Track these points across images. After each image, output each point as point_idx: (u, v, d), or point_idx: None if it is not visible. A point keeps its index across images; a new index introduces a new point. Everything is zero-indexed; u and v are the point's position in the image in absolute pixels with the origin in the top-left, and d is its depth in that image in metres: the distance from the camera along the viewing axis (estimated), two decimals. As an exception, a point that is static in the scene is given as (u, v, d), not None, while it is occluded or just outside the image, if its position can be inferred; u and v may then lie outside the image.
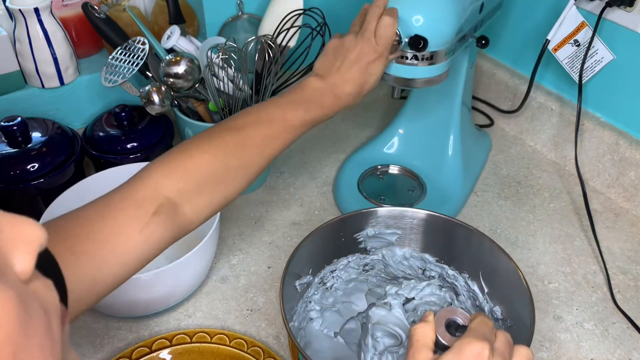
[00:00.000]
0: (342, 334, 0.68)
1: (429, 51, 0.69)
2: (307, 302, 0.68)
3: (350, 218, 0.66)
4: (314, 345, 0.66)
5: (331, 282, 0.70)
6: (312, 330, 0.67)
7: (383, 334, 0.64)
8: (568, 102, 0.98)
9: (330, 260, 0.68)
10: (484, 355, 0.43)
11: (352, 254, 0.69)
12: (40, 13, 0.80)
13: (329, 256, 0.68)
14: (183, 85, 0.77)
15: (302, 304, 0.66)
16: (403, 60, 0.70)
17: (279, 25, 0.81)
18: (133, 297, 0.67)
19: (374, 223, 0.67)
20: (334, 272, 0.69)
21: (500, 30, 1.07)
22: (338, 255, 0.69)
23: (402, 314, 0.64)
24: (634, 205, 0.91)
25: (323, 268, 0.68)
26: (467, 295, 0.67)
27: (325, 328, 0.68)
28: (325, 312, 0.69)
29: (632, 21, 0.84)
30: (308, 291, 0.67)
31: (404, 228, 0.68)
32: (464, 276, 0.67)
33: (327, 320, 0.69)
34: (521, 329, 0.57)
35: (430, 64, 0.70)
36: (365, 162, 0.95)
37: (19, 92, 0.85)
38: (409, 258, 0.69)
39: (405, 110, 0.96)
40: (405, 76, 0.72)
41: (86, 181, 0.77)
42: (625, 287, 0.79)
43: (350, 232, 0.67)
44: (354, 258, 0.70)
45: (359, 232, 0.68)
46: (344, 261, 0.69)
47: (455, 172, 0.91)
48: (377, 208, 0.67)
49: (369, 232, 0.68)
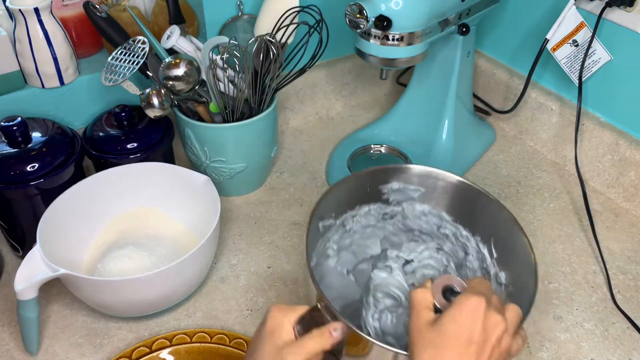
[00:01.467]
0: (354, 272, 0.73)
1: (402, 32, 0.75)
2: (327, 241, 0.70)
3: (380, 171, 0.70)
4: (326, 279, 0.70)
5: (350, 226, 0.72)
6: (328, 266, 0.71)
7: (384, 295, 0.67)
8: (568, 102, 0.98)
9: (353, 206, 0.71)
10: (481, 307, 0.47)
11: (374, 203, 0.72)
12: (40, 13, 0.80)
13: (353, 203, 0.70)
14: (183, 87, 0.77)
15: (321, 242, 0.69)
16: (385, 42, 0.77)
17: (277, 23, 0.81)
18: (133, 297, 0.67)
19: (400, 178, 0.70)
20: (355, 217, 0.72)
21: (500, 30, 1.07)
22: (361, 203, 0.71)
23: (402, 276, 0.69)
24: (634, 205, 0.91)
25: (345, 212, 0.70)
26: (475, 256, 0.69)
27: (340, 266, 0.72)
28: (342, 252, 0.72)
29: (632, 21, 0.84)
30: (329, 232, 0.70)
31: (427, 187, 0.70)
32: (476, 239, 0.68)
33: (342, 259, 0.72)
34: (522, 298, 0.58)
35: (408, 44, 0.77)
36: (358, 141, 1.01)
37: (19, 92, 0.85)
38: (427, 214, 0.71)
39: (405, 96, 1.00)
40: (385, 56, 0.79)
41: (86, 181, 0.77)
42: (625, 287, 0.79)
43: (376, 183, 0.70)
44: (375, 207, 0.72)
45: (385, 184, 0.70)
46: (365, 208, 0.71)
47: (445, 155, 0.94)
48: (407, 165, 0.70)
49: (393, 185, 0.70)
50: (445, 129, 0.94)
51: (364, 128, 1.06)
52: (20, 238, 0.78)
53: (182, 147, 0.90)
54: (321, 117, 1.12)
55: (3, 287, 0.77)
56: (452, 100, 0.93)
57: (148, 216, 0.82)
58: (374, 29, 0.76)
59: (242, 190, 0.93)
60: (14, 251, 0.81)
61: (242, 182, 0.90)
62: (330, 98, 1.12)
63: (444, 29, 0.82)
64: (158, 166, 0.81)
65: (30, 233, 0.74)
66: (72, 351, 0.70)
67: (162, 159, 0.84)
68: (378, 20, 0.74)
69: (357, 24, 0.75)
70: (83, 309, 0.74)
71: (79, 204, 0.76)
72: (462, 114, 0.96)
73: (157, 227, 0.82)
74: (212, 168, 0.86)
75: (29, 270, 0.64)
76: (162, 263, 0.74)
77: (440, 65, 0.92)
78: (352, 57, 1.10)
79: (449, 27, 0.83)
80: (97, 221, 0.80)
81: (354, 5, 0.74)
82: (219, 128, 0.82)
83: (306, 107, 1.10)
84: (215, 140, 0.83)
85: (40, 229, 0.69)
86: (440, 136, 0.95)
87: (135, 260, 0.74)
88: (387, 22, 0.74)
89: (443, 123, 0.94)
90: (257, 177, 0.94)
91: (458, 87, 0.92)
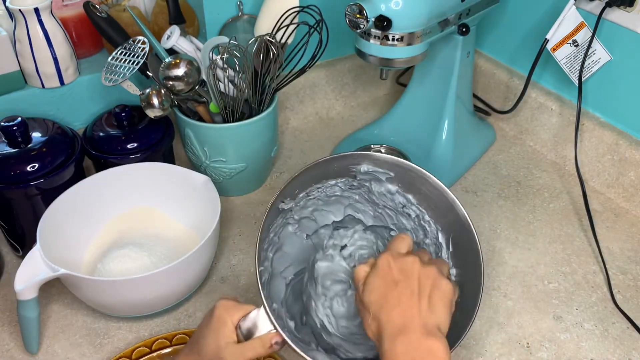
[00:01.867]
0: (313, 237, 0.74)
1: (402, 32, 0.76)
2: (289, 211, 0.70)
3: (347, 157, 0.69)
4: (284, 247, 0.71)
5: (315, 195, 0.72)
6: (287, 232, 0.71)
7: (332, 282, 0.69)
8: (568, 102, 0.98)
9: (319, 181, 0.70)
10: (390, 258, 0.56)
11: (341, 178, 0.71)
12: (40, 13, 0.80)
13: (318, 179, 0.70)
14: (183, 87, 0.77)
15: (281, 217, 0.69)
16: (385, 42, 0.77)
17: (277, 23, 0.81)
18: (133, 297, 0.67)
19: (369, 163, 0.69)
20: (320, 188, 0.71)
21: (500, 30, 1.07)
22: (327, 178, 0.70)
23: (343, 261, 0.70)
24: (634, 205, 0.91)
25: (311, 186, 0.70)
26: (432, 241, 0.70)
27: (299, 231, 0.72)
28: (303, 220, 0.72)
29: (632, 21, 0.84)
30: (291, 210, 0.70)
31: (395, 172, 0.70)
32: (437, 227, 0.69)
33: (303, 225, 0.73)
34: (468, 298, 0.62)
35: (408, 44, 0.77)
36: (358, 141, 1.01)
37: (19, 92, 0.85)
38: (394, 193, 0.71)
39: (405, 96, 1.00)
40: (385, 56, 0.79)
41: (86, 181, 0.77)
42: (625, 287, 0.79)
43: (344, 164, 0.69)
44: (342, 180, 0.72)
45: (355, 165, 0.70)
46: (331, 182, 0.71)
47: (445, 155, 0.94)
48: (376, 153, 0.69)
49: (362, 167, 0.70)
50: (445, 129, 0.94)
51: (364, 128, 1.06)
52: (20, 238, 0.78)
53: (182, 147, 0.90)
54: (321, 117, 1.12)
55: (3, 287, 0.77)
56: (452, 100, 0.93)
57: (148, 216, 0.82)
58: (374, 29, 0.76)
59: (242, 190, 0.93)
60: (14, 251, 0.81)
61: (242, 182, 0.90)
62: (330, 98, 1.12)
63: (444, 29, 0.82)
64: (158, 166, 0.81)
65: (30, 233, 0.74)
66: (72, 351, 0.70)
67: (162, 159, 0.84)
68: (378, 20, 0.74)
69: (357, 24, 0.75)
70: (83, 309, 0.74)
71: (79, 204, 0.76)
72: (462, 114, 0.96)
73: (157, 227, 0.82)
74: (212, 168, 0.86)
75: (29, 270, 0.64)
76: (162, 263, 0.74)
77: (440, 65, 0.92)
78: (352, 57, 1.10)
79: (449, 27, 0.83)
80: (97, 221, 0.80)
81: (354, 5, 0.74)
82: (219, 128, 0.82)
83: (306, 107, 1.10)
84: (215, 140, 0.83)
85: (40, 229, 0.69)
86: (440, 136, 0.95)
87: (135, 260, 0.74)
88: (387, 22, 0.74)
89: (443, 123, 0.94)
90: (257, 177, 0.94)
91: (458, 87, 0.93)
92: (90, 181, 0.77)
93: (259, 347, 0.55)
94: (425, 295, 0.53)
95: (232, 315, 0.56)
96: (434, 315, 0.53)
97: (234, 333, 0.56)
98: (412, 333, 0.51)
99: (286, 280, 0.71)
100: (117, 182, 0.80)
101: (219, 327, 0.56)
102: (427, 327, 0.52)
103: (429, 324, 0.52)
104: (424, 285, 0.54)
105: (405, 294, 0.53)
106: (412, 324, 0.52)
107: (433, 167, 0.93)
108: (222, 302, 0.58)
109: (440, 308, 0.53)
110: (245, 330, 0.56)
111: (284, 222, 0.70)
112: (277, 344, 0.55)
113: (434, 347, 0.50)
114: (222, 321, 0.56)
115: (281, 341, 0.55)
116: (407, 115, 1.00)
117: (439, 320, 0.53)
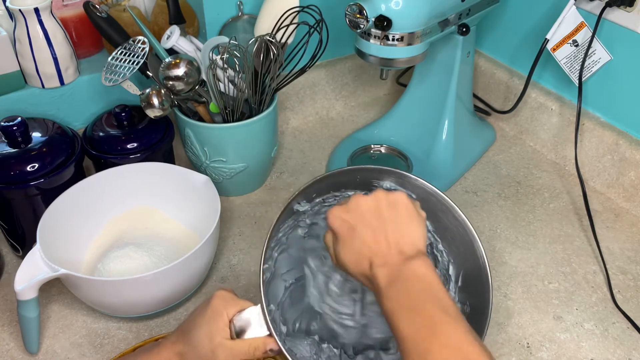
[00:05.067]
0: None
1: (402, 32, 0.76)
2: (301, 214, 0.69)
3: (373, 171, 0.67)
4: (290, 250, 0.70)
5: (330, 202, 0.71)
6: (296, 235, 0.70)
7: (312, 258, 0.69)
8: (568, 102, 0.98)
9: (338, 189, 0.69)
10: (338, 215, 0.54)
11: (361, 190, 0.69)
12: (40, 13, 0.80)
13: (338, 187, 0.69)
14: (183, 87, 0.77)
15: (293, 219, 0.68)
16: (385, 42, 0.77)
17: (277, 23, 0.81)
18: (133, 297, 0.67)
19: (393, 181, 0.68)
20: (338, 197, 0.70)
21: (500, 30, 1.07)
22: (347, 188, 0.69)
23: None
24: (634, 205, 0.91)
25: (329, 193, 0.69)
26: (441, 273, 0.69)
27: (308, 236, 0.71)
28: (314, 225, 0.71)
29: (632, 21, 0.84)
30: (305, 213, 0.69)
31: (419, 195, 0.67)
32: (450, 258, 0.68)
33: (313, 231, 0.71)
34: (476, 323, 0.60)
35: (408, 44, 0.77)
36: (358, 141, 1.01)
37: (19, 92, 0.85)
38: None
39: (405, 96, 1.01)
40: (385, 56, 0.79)
41: (86, 181, 0.77)
42: (625, 287, 0.79)
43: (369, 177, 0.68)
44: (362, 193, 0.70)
45: (378, 180, 0.68)
46: (350, 192, 0.69)
47: (445, 155, 0.94)
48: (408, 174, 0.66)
49: (385, 184, 0.68)
50: (445, 129, 0.94)
51: (364, 128, 1.06)
52: (20, 238, 0.78)
53: (182, 147, 0.90)
54: (321, 117, 1.12)
55: (3, 287, 0.77)
56: (452, 100, 0.93)
57: (148, 216, 0.82)
58: (374, 29, 0.76)
59: (242, 190, 0.93)
60: (14, 251, 0.81)
61: (242, 182, 0.90)
62: (330, 98, 1.12)
63: (444, 29, 0.82)
64: (158, 166, 0.81)
65: (30, 233, 0.74)
66: (72, 351, 0.70)
67: (162, 159, 0.84)
68: (378, 20, 0.74)
69: (357, 24, 0.75)
70: (83, 309, 0.74)
71: (79, 204, 0.76)
72: (462, 114, 0.96)
73: (157, 227, 0.82)
74: (212, 168, 0.86)
75: (29, 270, 0.64)
76: (162, 263, 0.74)
77: (440, 65, 0.92)
78: (352, 57, 1.10)
79: (449, 27, 0.83)
80: (97, 221, 0.80)
81: (354, 5, 0.74)
82: (219, 128, 0.82)
83: (306, 107, 1.10)
84: (215, 140, 0.83)
85: (40, 229, 0.69)
86: (440, 136, 0.95)
87: (135, 260, 0.74)
88: (387, 22, 0.74)
89: (443, 123, 0.94)
90: (257, 177, 0.94)
91: (458, 87, 0.93)
92: (90, 181, 0.77)
93: (253, 351, 0.54)
94: (385, 220, 0.52)
95: (229, 309, 0.55)
96: (404, 234, 0.52)
97: (228, 327, 0.55)
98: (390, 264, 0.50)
99: (286, 283, 0.70)
100: (117, 182, 0.80)
101: (213, 318, 0.55)
102: (403, 252, 0.51)
103: (404, 247, 0.51)
104: (379, 213, 0.53)
105: (367, 234, 0.52)
106: (388, 255, 0.51)
107: (433, 167, 0.94)
108: (220, 292, 0.57)
109: (406, 223, 0.53)
110: (238, 327, 0.55)
111: (295, 224, 0.69)
112: (272, 350, 0.55)
113: (417, 269, 0.50)
114: (217, 313, 0.55)
115: (276, 349, 0.54)
116: (407, 115, 1.01)
117: (412, 237, 0.52)
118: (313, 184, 0.62)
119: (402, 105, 1.01)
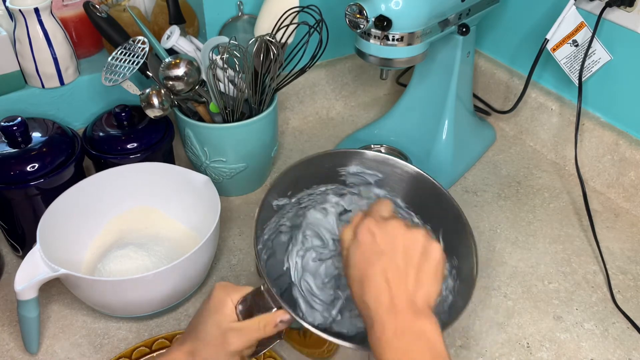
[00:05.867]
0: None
1: (402, 32, 0.76)
2: (281, 217, 0.70)
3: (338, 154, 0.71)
4: (277, 255, 0.71)
5: (306, 203, 0.72)
6: (280, 241, 0.72)
7: (312, 234, 0.70)
8: (568, 102, 0.98)
9: (310, 186, 0.71)
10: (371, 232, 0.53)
11: (331, 184, 0.72)
12: (40, 13, 0.80)
13: (310, 182, 0.71)
14: (183, 87, 0.77)
15: (276, 218, 0.69)
16: (385, 42, 0.77)
17: (277, 23, 0.81)
18: (133, 297, 0.67)
19: (357, 162, 0.70)
20: (311, 195, 0.72)
21: (500, 30, 1.07)
22: (318, 183, 0.71)
23: (335, 221, 0.71)
24: (634, 205, 0.91)
25: (302, 191, 0.70)
26: None
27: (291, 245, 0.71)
28: (295, 231, 0.72)
29: (632, 21, 0.84)
30: (284, 208, 0.70)
31: (384, 173, 0.71)
32: (427, 227, 0.69)
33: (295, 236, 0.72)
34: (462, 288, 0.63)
35: (408, 44, 0.77)
36: (358, 141, 1.01)
37: (19, 92, 0.85)
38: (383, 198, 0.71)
39: (405, 96, 1.01)
40: (385, 56, 0.79)
41: (86, 181, 0.77)
42: (625, 287, 0.79)
43: (334, 165, 0.70)
44: (333, 187, 0.72)
45: (343, 167, 0.70)
46: (322, 188, 0.71)
47: (445, 156, 0.94)
48: (365, 151, 0.71)
49: (351, 168, 0.70)
50: (445, 129, 0.94)
51: (364, 128, 1.06)
52: (20, 238, 0.78)
53: (182, 147, 0.90)
54: (321, 117, 1.12)
55: (3, 287, 0.77)
56: (452, 100, 0.93)
57: (148, 216, 0.82)
58: (374, 29, 0.76)
59: (242, 190, 0.93)
60: (14, 251, 0.81)
61: (242, 182, 0.90)
62: (330, 98, 1.12)
63: (444, 29, 0.82)
64: (158, 166, 0.81)
65: (30, 233, 0.74)
66: (72, 351, 0.70)
67: (162, 159, 0.84)
68: (378, 20, 0.74)
69: (357, 24, 0.75)
70: (83, 309, 0.74)
71: (79, 204, 0.76)
72: (462, 114, 0.96)
73: (157, 227, 0.82)
74: (212, 168, 0.86)
75: (29, 270, 0.64)
76: (162, 263, 0.74)
77: (440, 65, 0.92)
78: (352, 57, 1.10)
79: (449, 27, 0.83)
80: (97, 221, 0.80)
81: (354, 5, 0.74)
82: (219, 128, 0.82)
83: (306, 107, 1.10)
84: (215, 140, 0.83)
85: (40, 229, 0.69)
86: (440, 136, 0.95)
87: (135, 260, 0.74)
88: (387, 22, 0.74)
89: (443, 123, 0.94)
90: (257, 177, 0.94)
91: (458, 87, 0.93)
92: (90, 181, 0.77)
93: (263, 326, 0.54)
94: (413, 267, 0.51)
95: (232, 295, 0.55)
96: (423, 288, 0.50)
97: (234, 313, 0.55)
98: (401, 314, 0.49)
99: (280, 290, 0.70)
100: (117, 182, 0.80)
101: (219, 308, 0.54)
102: (415, 305, 0.49)
103: (418, 301, 0.50)
104: (410, 255, 0.51)
105: (391, 268, 0.50)
106: (400, 303, 0.49)
107: (433, 167, 0.94)
108: (219, 283, 0.57)
109: (430, 279, 0.51)
110: (244, 311, 0.55)
111: (277, 230, 0.70)
112: (282, 322, 0.54)
113: (426, 328, 0.48)
114: (221, 301, 0.55)
115: (287, 319, 0.54)
116: (407, 115, 1.01)
117: (428, 293, 0.50)
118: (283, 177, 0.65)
119: (402, 105, 1.01)
